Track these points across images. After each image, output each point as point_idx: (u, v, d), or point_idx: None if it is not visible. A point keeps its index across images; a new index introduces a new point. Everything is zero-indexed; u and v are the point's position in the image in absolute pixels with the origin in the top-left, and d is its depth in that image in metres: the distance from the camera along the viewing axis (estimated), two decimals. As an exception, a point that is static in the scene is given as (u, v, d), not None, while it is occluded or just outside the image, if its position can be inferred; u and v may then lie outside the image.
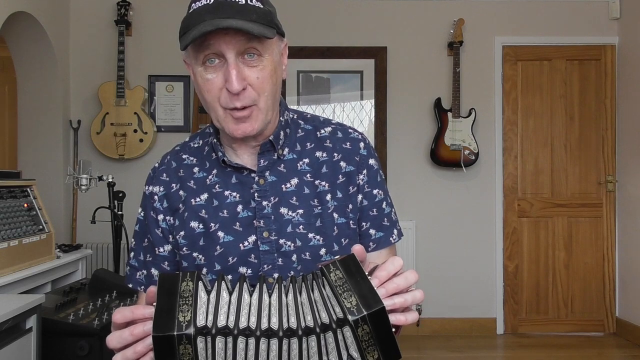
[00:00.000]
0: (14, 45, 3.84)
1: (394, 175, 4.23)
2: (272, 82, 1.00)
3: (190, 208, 1.07)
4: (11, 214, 2.47)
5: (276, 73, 1.01)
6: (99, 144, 4.03)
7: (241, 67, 0.96)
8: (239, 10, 0.94)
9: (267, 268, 1.03)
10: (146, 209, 1.12)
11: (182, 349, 0.74)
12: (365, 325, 0.75)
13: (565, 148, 4.30)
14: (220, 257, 1.04)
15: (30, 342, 1.98)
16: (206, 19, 0.93)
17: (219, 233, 1.04)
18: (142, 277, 1.12)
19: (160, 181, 1.12)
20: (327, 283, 0.79)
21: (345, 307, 0.75)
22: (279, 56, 1.04)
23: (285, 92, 4.22)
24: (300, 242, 1.03)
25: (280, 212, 1.04)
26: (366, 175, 1.10)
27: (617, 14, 4.24)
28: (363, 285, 0.77)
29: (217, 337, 0.77)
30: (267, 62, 0.98)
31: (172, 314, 0.76)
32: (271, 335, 0.77)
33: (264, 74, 0.98)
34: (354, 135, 1.13)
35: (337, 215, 1.06)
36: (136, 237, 1.14)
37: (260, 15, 0.96)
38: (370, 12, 4.28)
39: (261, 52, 0.97)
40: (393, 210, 1.17)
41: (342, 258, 0.82)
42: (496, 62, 4.29)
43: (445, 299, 4.18)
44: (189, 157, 1.13)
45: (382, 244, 1.13)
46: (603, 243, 4.29)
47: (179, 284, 0.79)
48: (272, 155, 1.07)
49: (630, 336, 4.09)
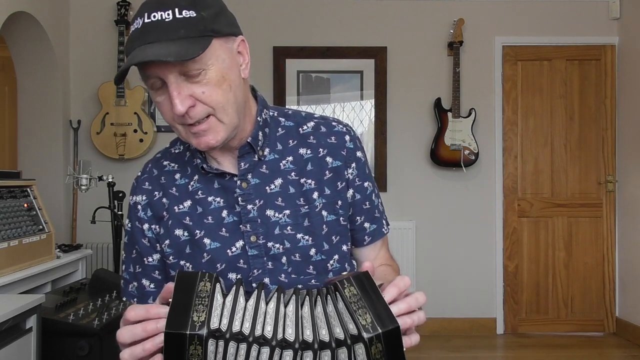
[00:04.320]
0: (14, 45, 3.84)
1: (394, 175, 4.23)
2: (223, 91, 0.93)
3: (174, 216, 1.05)
4: (11, 214, 2.47)
5: (226, 79, 0.94)
6: (99, 144, 4.03)
7: (183, 86, 0.91)
8: (164, 30, 0.89)
9: (257, 273, 1.01)
10: (132, 219, 1.10)
11: (192, 349, 0.74)
12: (379, 343, 0.74)
13: (565, 148, 4.30)
14: (208, 264, 1.02)
15: (30, 342, 1.98)
16: (135, 47, 0.90)
17: (205, 240, 1.02)
18: (134, 289, 1.10)
19: (143, 190, 1.09)
20: (340, 299, 0.79)
21: (360, 324, 0.75)
22: (230, 59, 0.95)
23: (285, 92, 4.22)
24: (289, 244, 1.02)
25: (266, 215, 1.02)
26: (355, 168, 1.09)
27: (617, 14, 4.24)
28: (378, 304, 0.77)
29: (230, 342, 0.76)
30: (211, 72, 0.92)
31: (186, 313, 0.75)
32: (286, 347, 0.77)
33: (210, 87, 0.92)
34: (338, 129, 1.10)
35: (326, 213, 1.05)
36: (126, 250, 1.12)
37: (190, 28, 0.89)
38: (370, 12, 4.28)
39: (201, 66, 0.91)
40: (380, 200, 1.16)
41: (356, 274, 0.81)
42: (496, 62, 4.29)
43: (445, 299, 4.18)
44: (170, 164, 1.10)
45: (376, 236, 1.13)
46: (603, 243, 4.28)
47: (197, 283, 0.79)
48: (253, 157, 1.04)
49: (630, 336, 4.08)
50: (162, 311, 0.78)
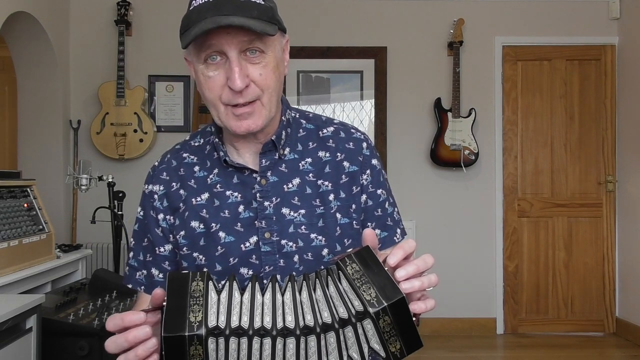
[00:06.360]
0: (14, 45, 3.84)
1: (394, 175, 4.23)
2: (275, 78, 0.99)
3: (191, 207, 1.06)
4: (11, 214, 2.47)
5: (278, 69, 1.00)
6: (99, 144, 4.03)
7: (243, 64, 0.95)
8: (239, 6, 0.92)
9: (268, 269, 1.02)
10: (146, 208, 1.11)
11: (192, 349, 0.74)
12: (387, 316, 0.75)
13: (565, 148, 4.30)
14: (221, 258, 1.03)
15: (30, 342, 1.97)
16: (207, 17, 0.92)
17: (220, 233, 1.04)
18: (142, 277, 1.11)
19: (160, 180, 1.10)
20: (344, 277, 0.79)
21: (365, 300, 0.75)
22: (281, 52, 1.03)
23: (285, 92, 4.22)
24: (302, 243, 1.03)
25: (282, 213, 1.04)
26: (369, 175, 1.10)
27: (617, 14, 4.24)
28: (380, 276, 0.77)
29: (230, 337, 0.76)
30: (269, 58, 0.97)
31: (183, 314, 0.75)
32: (288, 334, 0.77)
33: (267, 71, 0.97)
34: (356, 135, 1.13)
35: (340, 216, 1.06)
36: (135, 237, 1.13)
37: (262, 12, 0.94)
38: (370, 12, 4.28)
39: (263, 49, 0.96)
40: (396, 209, 1.17)
41: (357, 250, 0.81)
42: (496, 62, 4.29)
43: (445, 298, 4.18)
44: (190, 156, 1.11)
45: (387, 244, 1.13)
46: (603, 243, 4.28)
47: (189, 284, 0.79)
48: (274, 155, 1.06)
49: (630, 336, 4.08)
50: (137, 317, 0.78)
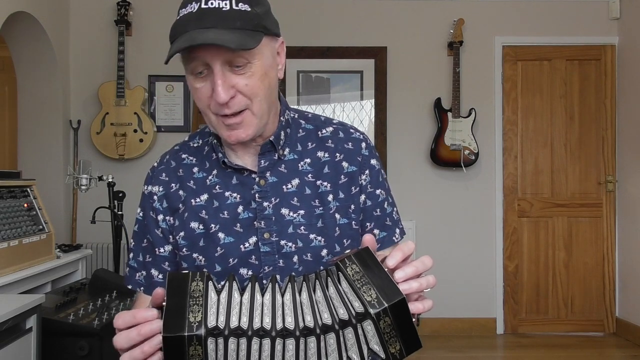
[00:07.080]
0: (14, 45, 3.84)
1: (394, 175, 4.23)
2: (264, 86, 0.98)
3: (190, 208, 1.06)
4: (11, 214, 2.47)
5: (268, 76, 0.98)
6: (99, 144, 4.03)
7: (228, 76, 0.94)
8: (223, 17, 0.91)
9: (267, 270, 1.02)
10: (145, 209, 1.11)
11: (192, 350, 0.74)
12: (387, 317, 0.75)
13: (565, 148, 4.30)
14: (221, 259, 1.03)
15: (30, 342, 1.98)
16: (188, 30, 0.92)
17: (220, 234, 1.04)
18: (142, 278, 1.11)
19: (160, 181, 1.11)
20: (343, 278, 0.79)
21: (366, 301, 0.76)
22: (272, 57, 1.00)
23: (285, 92, 4.22)
24: (301, 243, 1.03)
25: (281, 213, 1.04)
26: (368, 175, 1.11)
27: (617, 14, 4.24)
28: (380, 277, 0.78)
29: (229, 338, 0.76)
30: (256, 67, 0.96)
31: (182, 314, 0.75)
32: (287, 335, 0.77)
33: (253, 80, 0.96)
34: (355, 135, 1.13)
35: (339, 216, 1.06)
36: (135, 238, 1.13)
37: (246, 21, 0.93)
38: (370, 12, 4.28)
39: (249, 59, 0.95)
40: (395, 209, 1.17)
41: (356, 251, 0.81)
42: (496, 62, 4.29)
43: (445, 298, 4.18)
44: (189, 157, 1.12)
45: (385, 244, 1.13)
46: (603, 243, 4.28)
47: (189, 284, 0.79)
48: (273, 156, 1.06)
49: (630, 336, 4.08)
50: (150, 314, 0.78)
